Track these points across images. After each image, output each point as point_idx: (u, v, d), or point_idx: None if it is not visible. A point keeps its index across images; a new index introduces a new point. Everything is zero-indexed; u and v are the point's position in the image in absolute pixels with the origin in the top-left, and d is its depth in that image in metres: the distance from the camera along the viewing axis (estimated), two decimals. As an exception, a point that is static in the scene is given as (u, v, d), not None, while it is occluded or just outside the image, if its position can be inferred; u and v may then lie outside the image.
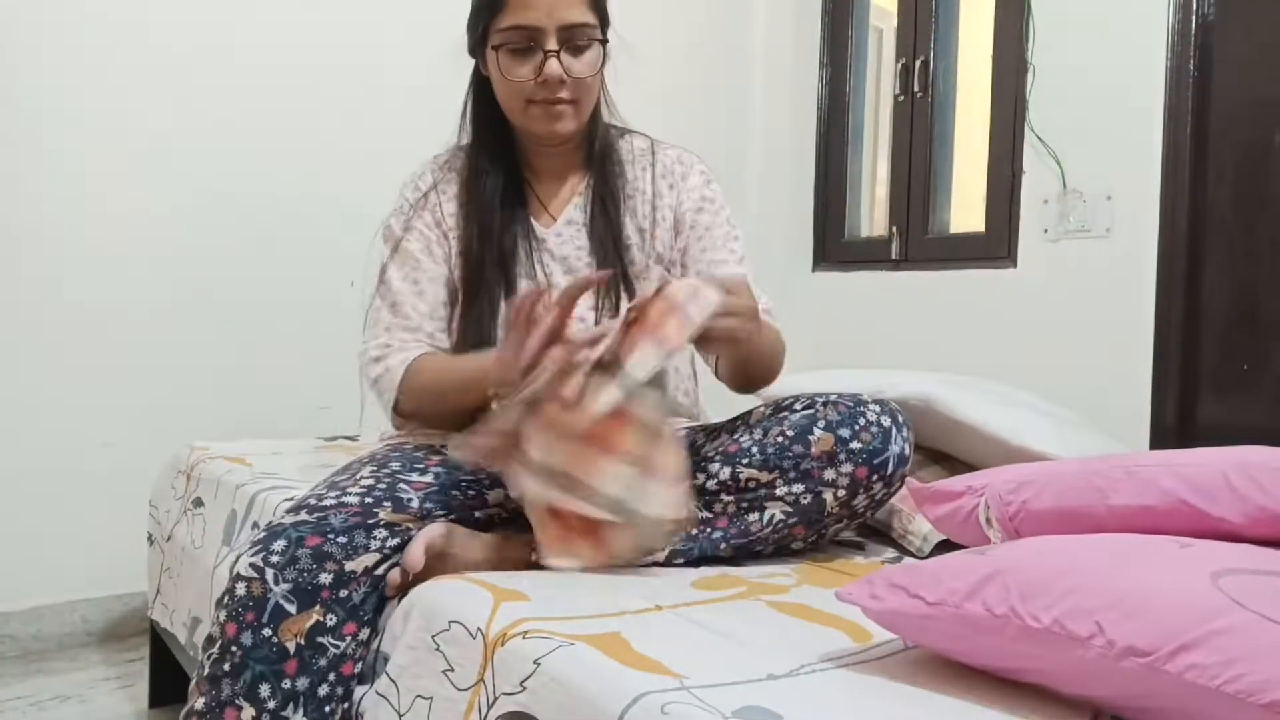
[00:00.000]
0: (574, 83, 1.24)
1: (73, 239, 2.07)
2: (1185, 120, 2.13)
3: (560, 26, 1.21)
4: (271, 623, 0.96)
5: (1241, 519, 0.91)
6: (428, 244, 1.32)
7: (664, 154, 1.40)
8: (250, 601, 0.97)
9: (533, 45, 1.22)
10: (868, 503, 1.19)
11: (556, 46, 1.22)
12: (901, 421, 1.19)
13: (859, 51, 3.00)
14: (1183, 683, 0.65)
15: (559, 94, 1.24)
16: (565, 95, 1.25)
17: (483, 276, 1.30)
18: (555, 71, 1.22)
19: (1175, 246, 2.15)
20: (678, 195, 1.37)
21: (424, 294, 1.30)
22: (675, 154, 1.40)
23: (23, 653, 2.05)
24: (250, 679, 0.96)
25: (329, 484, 1.13)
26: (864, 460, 1.15)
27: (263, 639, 0.96)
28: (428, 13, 2.42)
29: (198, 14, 2.18)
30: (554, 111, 1.26)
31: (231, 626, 0.97)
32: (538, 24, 1.21)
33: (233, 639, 0.97)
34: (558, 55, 1.22)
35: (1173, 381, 2.16)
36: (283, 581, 0.97)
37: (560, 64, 1.22)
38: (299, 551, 0.99)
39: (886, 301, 2.79)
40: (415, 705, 0.96)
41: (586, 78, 1.25)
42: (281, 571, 0.98)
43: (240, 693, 0.96)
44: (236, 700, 0.96)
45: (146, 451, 2.06)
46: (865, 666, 0.82)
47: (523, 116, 1.28)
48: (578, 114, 1.28)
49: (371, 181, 2.38)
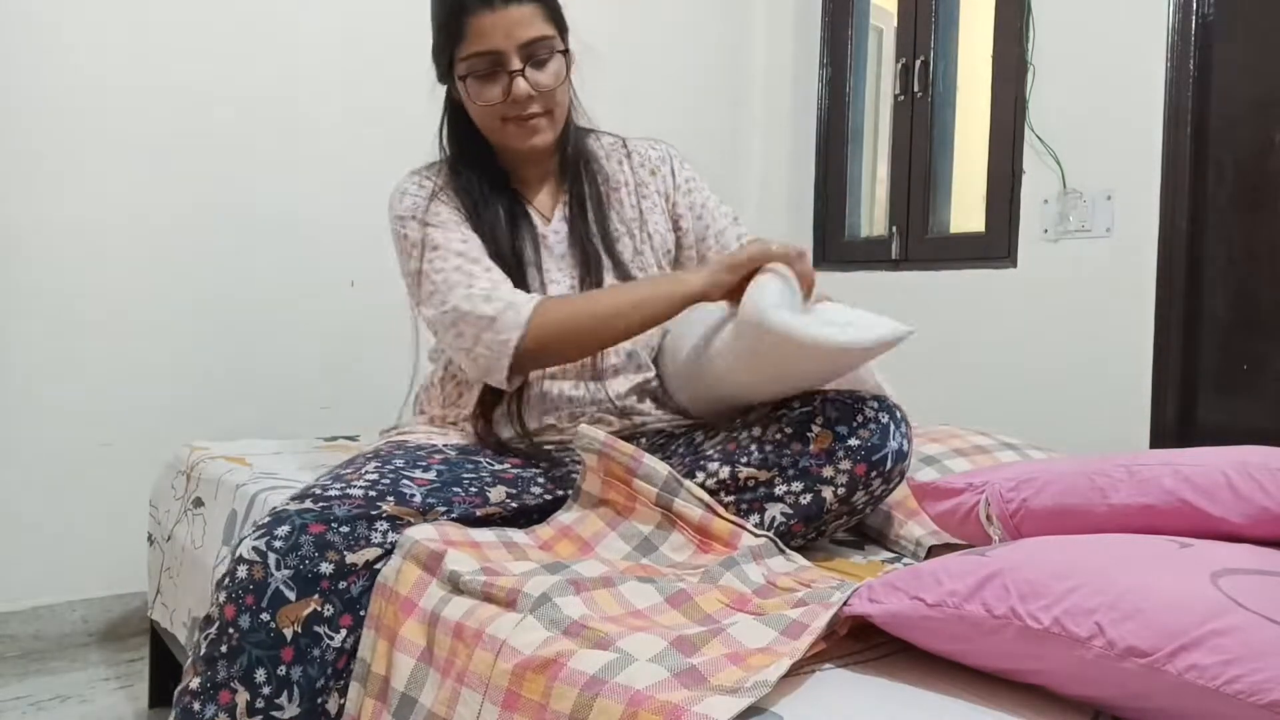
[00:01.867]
0: (543, 96, 1.27)
1: (73, 240, 2.07)
2: (1185, 120, 2.13)
3: (520, 45, 1.24)
4: (270, 608, 0.97)
5: (1242, 519, 0.91)
6: (457, 224, 1.31)
7: (635, 146, 1.46)
8: (250, 585, 0.97)
9: (497, 69, 1.25)
10: (867, 499, 1.19)
11: (520, 65, 1.24)
12: (900, 417, 1.19)
13: (859, 51, 3.00)
14: (1183, 683, 0.65)
15: (530, 109, 1.27)
16: (537, 109, 1.28)
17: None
18: (523, 90, 1.25)
19: (1175, 246, 2.15)
20: (662, 180, 1.44)
21: (479, 262, 1.27)
22: (646, 143, 1.47)
23: (23, 653, 2.05)
24: (246, 663, 0.96)
25: (334, 475, 1.14)
26: (862, 457, 1.15)
27: (260, 623, 0.97)
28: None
29: (200, 15, 2.18)
30: (529, 126, 1.29)
31: (230, 609, 0.98)
32: (498, 47, 1.23)
33: (231, 621, 0.97)
34: (522, 73, 1.24)
35: (1173, 381, 2.16)
36: (284, 567, 0.98)
37: (526, 81, 1.25)
38: (302, 538, 1.00)
39: (886, 301, 2.77)
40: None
41: (553, 89, 1.28)
42: (284, 557, 0.98)
43: (236, 676, 0.96)
44: (231, 683, 0.96)
45: (146, 451, 2.06)
46: (865, 666, 0.82)
47: (500, 135, 1.31)
48: (553, 124, 1.31)
49: (371, 182, 2.39)
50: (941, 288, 2.64)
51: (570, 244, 1.36)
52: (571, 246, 1.36)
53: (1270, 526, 0.90)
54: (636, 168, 1.43)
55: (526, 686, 0.78)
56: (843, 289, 2.90)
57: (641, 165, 1.44)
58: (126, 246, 2.13)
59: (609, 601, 0.90)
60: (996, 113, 2.51)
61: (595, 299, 1.25)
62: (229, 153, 2.23)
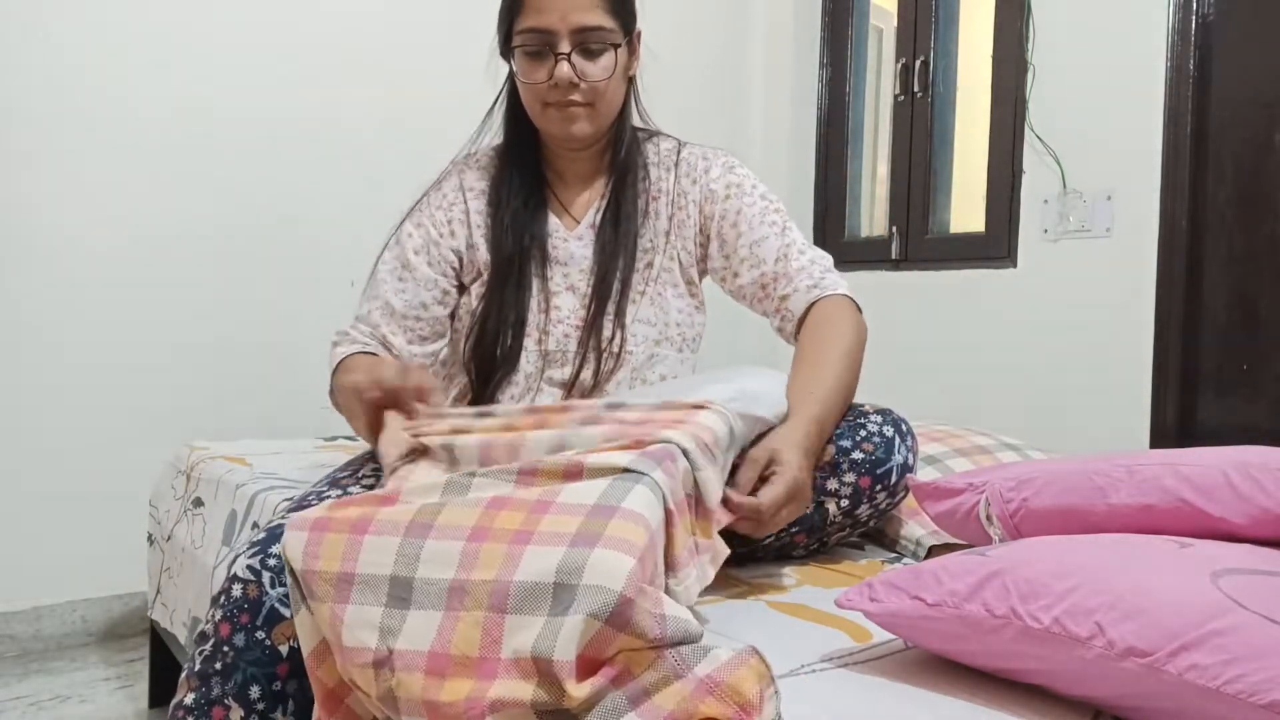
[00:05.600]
0: (588, 86, 1.24)
1: (73, 241, 2.07)
2: (1185, 120, 2.13)
3: (573, 29, 1.21)
4: (266, 625, 0.96)
5: (1242, 519, 0.91)
6: (427, 243, 1.31)
7: (688, 153, 1.38)
8: (245, 604, 0.97)
9: (547, 49, 1.23)
10: (871, 512, 1.19)
11: (568, 49, 1.22)
12: (905, 431, 1.19)
13: (859, 51, 3.00)
14: (1183, 683, 0.65)
15: (572, 96, 1.24)
16: (579, 98, 1.24)
17: (500, 275, 1.29)
18: (565, 74, 1.22)
19: (1175, 246, 2.15)
20: (700, 190, 1.35)
21: (403, 293, 1.30)
22: (700, 151, 1.39)
23: (23, 653, 2.05)
24: (241, 680, 0.96)
25: (330, 480, 1.13)
26: (867, 470, 1.15)
27: (255, 641, 0.96)
28: (445, 13, 2.43)
29: (201, 18, 2.18)
30: (568, 114, 1.25)
31: (225, 627, 0.97)
32: (550, 26, 1.21)
33: (226, 639, 0.97)
34: (569, 58, 1.22)
35: (1173, 381, 2.16)
36: (279, 585, 0.97)
37: (572, 67, 1.22)
38: None
39: (886, 301, 2.78)
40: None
41: (600, 81, 1.24)
42: (278, 575, 0.97)
43: (230, 693, 0.96)
44: (225, 700, 0.96)
45: (146, 451, 2.06)
46: (865, 666, 0.82)
47: (541, 119, 1.28)
48: (593, 117, 1.27)
49: (371, 182, 2.39)
50: (941, 288, 2.64)
51: (593, 247, 1.32)
52: (595, 250, 1.32)
53: (1270, 526, 0.90)
54: (681, 177, 1.35)
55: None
56: (843, 289, 2.92)
57: (685, 175, 1.35)
58: (127, 247, 2.13)
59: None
60: (996, 113, 2.51)
61: (352, 384, 1.11)
62: (229, 153, 2.23)
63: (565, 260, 1.32)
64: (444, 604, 0.73)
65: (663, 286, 1.34)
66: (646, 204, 1.34)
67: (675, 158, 1.37)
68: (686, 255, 1.35)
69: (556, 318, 1.29)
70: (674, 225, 1.35)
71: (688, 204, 1.35)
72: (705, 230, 1.35)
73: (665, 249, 1.34)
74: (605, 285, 1.29)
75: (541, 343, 1.29)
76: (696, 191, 1.35)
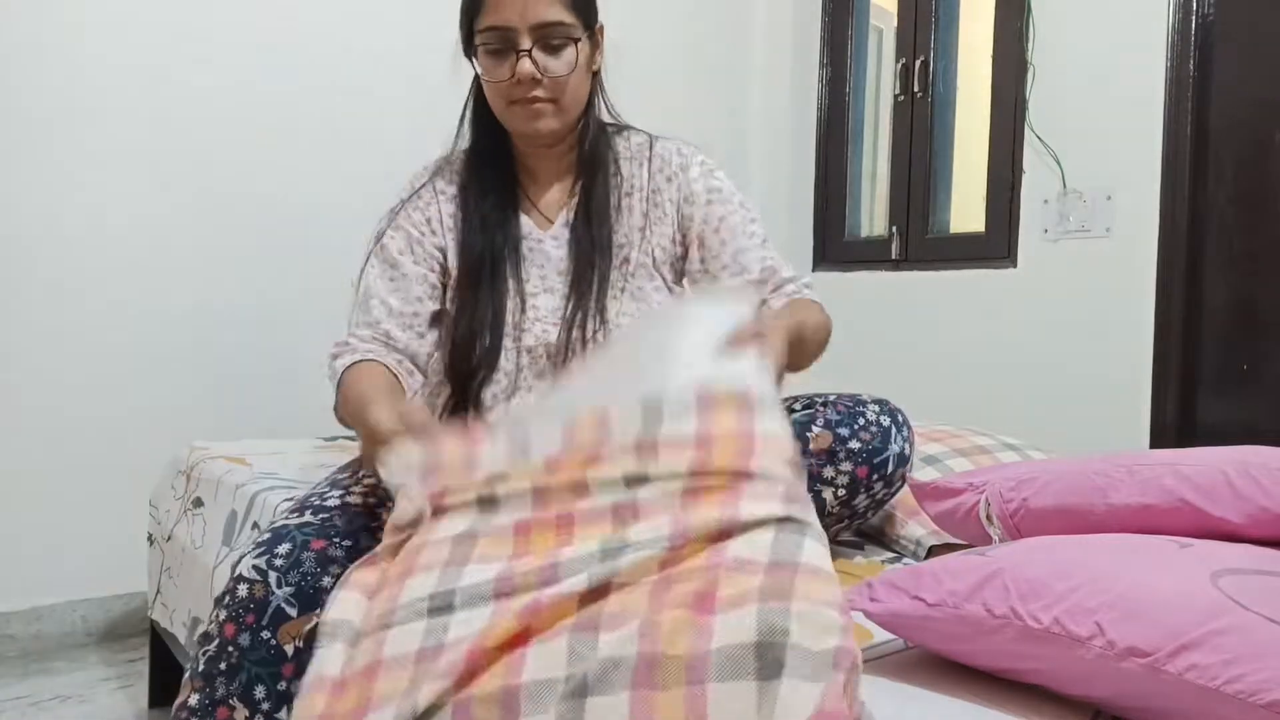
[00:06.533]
0: (551, 82, 1.23)
1: (73, 241, 2.07)
2: (1185, 120, 2.13)
3: (533, 25, 1.21)
4: (271, 625, 0.96)
5: (1242, 519, 0.91)
6: (409, 243, 1.31)
7: (661, 147, 1.38)
8: (251, 604, 0.97)
9: (508, 46, 1.23)
10: (868, 502, 1.19)
11: (529, 45, 1.22)
12: (902, 421, 1.19)
13: (859, 51, 3.00)
14: (1183, 683, 0.65)
15: (535, 93, 1.24)
16: (542, 94, 1.24)
17: (472, 276, 1.29)
18: (527, 70, 1.22)
19: (1175, 246, 2.15)
20: (678, 188, 1.35)
21: (397, 291, 1.29)
22: (674, 146, 1.38)
23: (23, 653, 2.05)
24: (246, 680, 0.95)
25: (330, 482, 1.13)
26: (864, 460, 1.15)
27: (261, 641, 0.96)
28: (432, 12, 2.43)
29: (202, 17, 2.18)
30: (532, 110, 1.25)
31: (230, 627, 0.97)
32: (510, 23, 1.21)
33: (230, 639, 0.96)
34: (529, 54, 1.22)
35: (1173, 381, 2.16)
36: (285, 585, 0.96)
37: (534, 63, 1.22)
38: (304, 555, 0.99)
39: (886, 301, 2.79)
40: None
41: (563, 77, 1.24)
42: (285, 575, 0.97)
43: (235, 693, 0.96)
44: (230, 700, 0.96)
45: (146, 451, 2.06)
46: (865, 666, 0.82)
47: (506, 116, 1.28)
48: (558, 113, 1.27)
49: (371, 182, 2.39)
50: (941, 288, 2.64)
51: (568, 245, 1.32)
52: (568, 256, 1.32)
53: (1270, 526, 0.90)
54: (655, 172, 1.35)
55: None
56: (843, 289, 2.92)
57: (660, 171, 1.35)
58: (127, 247, 2.13)
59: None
60: (996, 113, 2.51)
61: (366, 401, 1.09)
62: (229, 153, 2.23)
63: (542, 262, 1.31)
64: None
65: (641, 280, 1.33)
66: (619, 199, 1.34)
67: (648, 152, 1.36)
68: (662, 251, 1.34)
69: (535, 316, 1.28)
70: (649, 221, 1.34)
71: (663, 201, 1.34)
72: (684, 229, 1.35)
73: (640, 244, 1.33)
74: (584, 283, 1.29)
75: (520, 340, 1.28)
76: (673, 189, 1.35)
